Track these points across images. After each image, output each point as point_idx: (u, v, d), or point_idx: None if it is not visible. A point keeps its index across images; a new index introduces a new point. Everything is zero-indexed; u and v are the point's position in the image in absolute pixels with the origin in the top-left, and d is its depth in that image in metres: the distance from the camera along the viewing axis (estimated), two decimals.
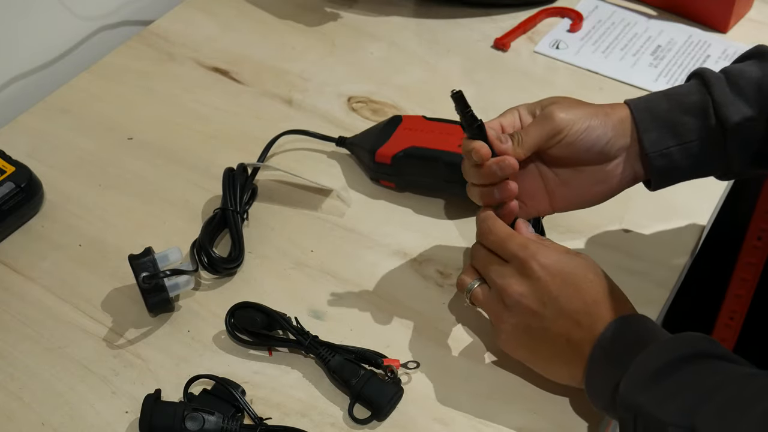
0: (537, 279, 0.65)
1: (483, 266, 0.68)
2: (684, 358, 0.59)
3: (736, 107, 0.68)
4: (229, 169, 0.83)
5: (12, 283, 0.78)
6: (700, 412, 0.55)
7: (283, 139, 0.90)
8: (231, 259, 0.78)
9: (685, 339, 0.60)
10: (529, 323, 0.65)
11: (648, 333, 0.62)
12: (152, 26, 1.07)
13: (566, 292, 0.64)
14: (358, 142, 0.88)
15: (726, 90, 0.68)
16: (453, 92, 0.65)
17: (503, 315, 0.66)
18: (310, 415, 0.68)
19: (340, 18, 1.08)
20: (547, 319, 0.64)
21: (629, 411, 0.59)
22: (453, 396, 0.70)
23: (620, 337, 0.62)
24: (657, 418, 0.57)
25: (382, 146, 0.84)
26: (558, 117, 0.68)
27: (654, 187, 0.72)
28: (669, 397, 0.57)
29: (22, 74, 1.00)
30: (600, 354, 0.63)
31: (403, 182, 0.86)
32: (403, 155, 0.83)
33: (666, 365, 0.58)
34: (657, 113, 0.69)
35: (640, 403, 0.58)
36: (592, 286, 0.64)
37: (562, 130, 0.68)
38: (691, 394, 0.56)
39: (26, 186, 0.82)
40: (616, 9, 1.09)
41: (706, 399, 0.55)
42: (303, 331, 0.72)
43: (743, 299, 1.51)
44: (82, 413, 0.69)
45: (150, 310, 0.74)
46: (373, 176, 0.87)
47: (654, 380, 0.58)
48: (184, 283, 0.74)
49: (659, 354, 0.59)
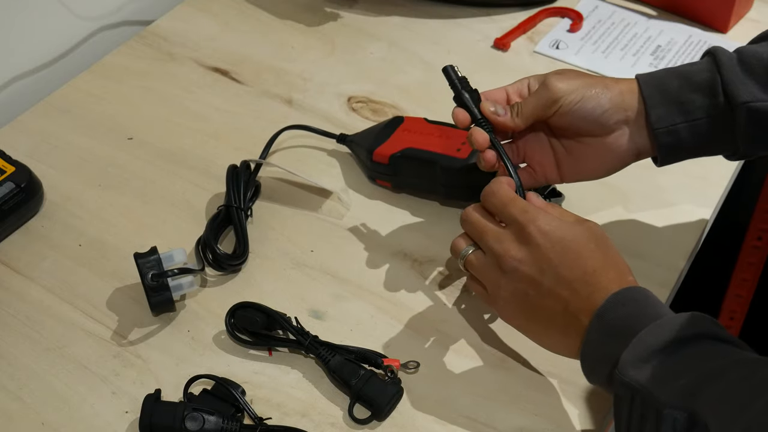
0: (536, 246, 0.63)
1: (478, 231, 0.67)
2: (688, 338, 0.57)
3: (745, 87, 0.67)
4: (232, 166, 0.83)
5: (12, 283, 0.78)
6: (702, 396, 0.53)
7: (284, 136, 0.90)
8: (236, 256, 0.78)
9: (689, 318, 0.58)
10: (527, 291, 0.64)
11: (650, 307, 0.60)
12: (152, 26, 1.07)
13: (566, 261, 0.62)
14: (357, 140, 0.88)
15: (736, 69, 0.68)
16: (444, 68, 0.71)
17: (500, 281, 0.65)
18: (310, 415, 0.68)
19: (340, 18, 1.08)
20: (544, 287, 0.63)
21: (627, 388, 0.57)
22: (453, 396, 0.70)
23: (620, 309, 0.60)
24: (655, 398, 0.55)
25: (381, 146, 0.84)
26: (554, 86, 0.69)
27: (661, 163, 0.72)
28: (669, 377, 0.55)
29: (22, 74, 1.00)
30: (598, 326, 0.61)
31: (399, 183, 0.86)
32: (401, 156, 0.83)
33: (669, 344, 0.57)
34: (666, 89, 0.69)
35: (639, 381, 0.56)
36: (593, 255, 0.63)
37: (558, 100, 0.69)
38: (693, 376, 0.54)
39: (26, 186, 0.82)
40: (616, 9, 1.09)
41: (708, 383, 0.53)
42: (303, 331, 0.72)
43: (743, 299, 1.51)
44: (82, 413, 0.69)
45: (153, 309, 0.74)
46: (370, 175, 0.87)
47: (655, 359, 0.56)
48: (188, 284, 0.74)
49: (662, 332, 0.57)
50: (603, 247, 0.64)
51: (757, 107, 0.67)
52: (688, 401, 0.53)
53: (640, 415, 0.56)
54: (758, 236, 1.46)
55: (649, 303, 0.61)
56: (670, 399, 0.54)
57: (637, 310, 0.60)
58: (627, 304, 0.60)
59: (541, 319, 0.64)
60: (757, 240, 1.46)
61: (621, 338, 0.58)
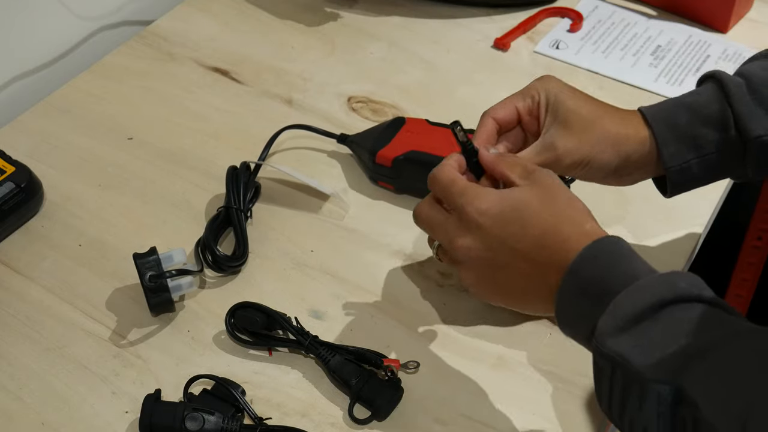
0: (478, 227, 0.61)
1: (429, 227, 0.66)
2: (668, 301, 0.53)
3: (758, 121, 0.66)
4: (232, 168, 0.83)
5: (12, 283, 0.78)
6: (690, 373, 0.49)
7: (285, 136, 0.90)
8: (235, 257, 0.78)
9: (669, 278, 0.54)
10: (488, 273, 0.62)
11: (625, 262, 0.57)
12: (152, 26, 1.07)
13: (512, 234, 0.60)
14: (359, 141, 0.88)
15: (747, 99, 0.66)
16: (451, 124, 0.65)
17: (462, 271, 0.63)
18: (310, 415, 0.68)
19: (340, 18, 1.08)
20: (503, 263, 0.61)
21: (606, 360, 0.53)
22: (453, 396, 0.70)
23: (591, 266, 0.57)
24: (638, 371, 0.51)
25: (384, 148, 0.84)
26: (560, 148, 0.66)
27: (670, 195, 0.71)
28: (651, 349, 0.51)
29: (22, 74, 1.00)
30: (570, 286, 0.57)
31: (402, 185, 0.85)
32: (404, 159, 0.83)
33: (648, 310, 0.53)
34: (676, 126, 0.67)
35: (618, 353, 0.52)
36: (539, 218, 0.60)
37: (564, 161, 0.66)
38: (678, 348, 0.51)
39: (26, 186, 0.82)
40: (616, 9, 1.09)
41: (696, 358, 0.50)
42: (303, 331, 0.72)
43: (743, 299, 1.51)
44: (82, 413, 0.69)
45: (152, 309, 0.74)
46: (372, 176, 0.87)
47: (635, 327, 0.52)
48: (187, 285, 0.74)
49: (641, 295, 0.53)
50: (548, 202, 0.60)
51: None
52: (673, 376, 0.50)
53: (622, 387, 0.53)
54: (758, 236, 1.46)
55: (624, 255, 0.57)
56: (655, 374, 0.50)
57: (610, 264, 0.57)
58: (599, 258, 0.57)
59: (515, 291, 0.62)
60: (757, 240, 1.46)
61: (596, 298, 0.55)
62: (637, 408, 0.52)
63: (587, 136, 0.67)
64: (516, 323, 0.74)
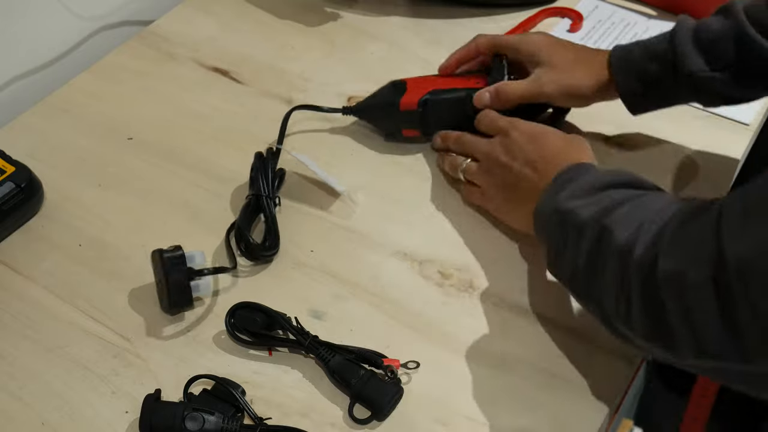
0: (512, 140, 0.79)
1: (473, 144, 0.83)
2: (617, 183, 0.67)
3: (692, 59, 0.77)
4: (259, 154, 0.83)
5: (12, 283, 0.78)
6: (613, 214, 0.63)
7: (292, 119, 0.91)
8: (268, 246, 0.78)
9: (626, 172, 0.69)
10: (504, 178, 0.78)
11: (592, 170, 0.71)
12: (152, 26, 1.07)
13: (531, 146, 0.77)
14: (368, 105, 0.90)
15: (687, 40, 0.78)
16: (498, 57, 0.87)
17: (487, 179, 0.80)
18: (310, 415, 0.68)
19: (340, 18, 1.08)
20: (515, 169, 0.77)
21: (558, 213, 0.68)
22: (453, 396, 0.70)
23: (568, 174, 0.71)
24: (577, 215, 0.66)
25: (404, 95, 0.87)
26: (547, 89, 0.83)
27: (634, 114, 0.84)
28: (593, 204, 0.66)
29: (22, 74, 1.00)
30: (549, 188, 0.71)
31: (428, 127, 0.88)
32: (430, 97, 0.86)
33: (600, 185, 0.68)
34: (629, 59, 0.81)
35: (567, 207, 0.67)
36: (555, 144, 0.77)
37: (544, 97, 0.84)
38: (611, 202, 0.65)
39: (26, 186, 0.82)
40: (616, 9, 1.09)
41: (621, 205, 0.64)
42: (303, 331, 0.72)
43: None
44: (82, 413, 0.69)
45: (172, 307, 0.74)
46: (393, 130, 0.89)
47: (587, 194, 0.67)
48: (205, 286, 0.74)
49: (598, 177, 0.69)
50: (568, 142, 0.77)
51: (703, 77, 0.77)
52: (601, 218, 0.64)
53: (566, 231, 0.67)
54: None
55: (592, 167, 0.71)
56: (588, 217, 0.65)
57: (580, 171, 0.71)
58: (576, 169, 0.72)
59: (514, 198, 0.77)
60: None
61: (565, 186, 0.70)
62: (575, 245, 0.66)
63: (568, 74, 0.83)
64: (516, 323, 0.74)
